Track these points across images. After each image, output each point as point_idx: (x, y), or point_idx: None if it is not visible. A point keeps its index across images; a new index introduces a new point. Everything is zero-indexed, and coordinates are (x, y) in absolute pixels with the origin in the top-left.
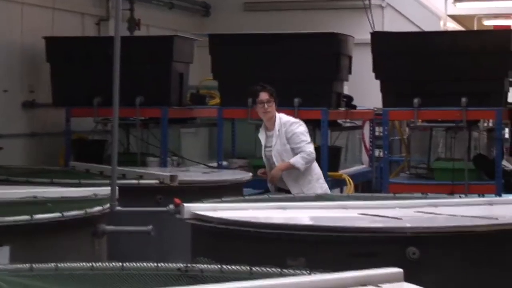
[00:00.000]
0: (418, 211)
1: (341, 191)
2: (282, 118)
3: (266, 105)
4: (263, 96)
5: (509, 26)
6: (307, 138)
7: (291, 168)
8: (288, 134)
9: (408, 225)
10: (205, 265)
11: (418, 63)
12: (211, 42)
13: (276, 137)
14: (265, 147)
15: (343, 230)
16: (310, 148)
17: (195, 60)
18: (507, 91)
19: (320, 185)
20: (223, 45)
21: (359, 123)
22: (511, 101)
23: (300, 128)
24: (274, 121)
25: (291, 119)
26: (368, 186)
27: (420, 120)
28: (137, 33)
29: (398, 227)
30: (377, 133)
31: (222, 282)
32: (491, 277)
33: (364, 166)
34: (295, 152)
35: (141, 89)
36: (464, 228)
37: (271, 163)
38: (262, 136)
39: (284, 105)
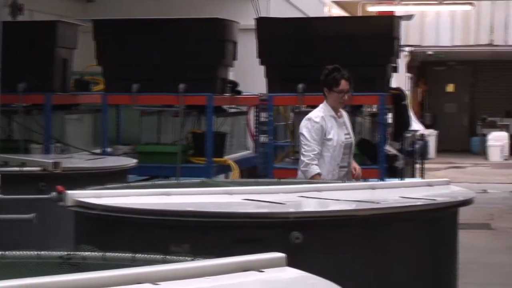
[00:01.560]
0: (302, 196)
1: (226, 177)
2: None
3: (346, 96)
4: (344, 85)
5: (393, 12)
6: None
7: None
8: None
9: (291, 210)
10: (88, 253)
11: (302, 48)
12: (95, 27)
13: (348, 125)
14: (345, 134)
15: (227, 215)
16: None
17: (80, 46)
18: (390, 76)
19: None
20: (107, 30)
21: (244, 108)
22: (394, 86)
23: None
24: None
25: None
26: (254, 171)
27: (304, 105)
28: (20, 18)
29: (281, 212)
30: (262, 119)
31: (105, 270)
32: (374, 260)
33: (249, 151)
34: None
35: (24, 75)
36: (346, 212)
37: (346, 153)
38: (330, 122)
39: (170, 91)
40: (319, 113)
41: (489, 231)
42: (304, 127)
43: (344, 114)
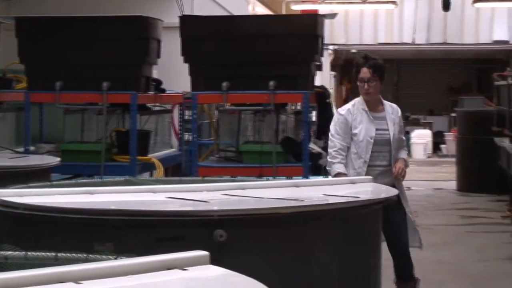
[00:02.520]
0: (226, 194)
1: (151, 175)
2: (385, 101)
3: (366, 85)
4: (365, 73)
5: (316, 10)
6: None
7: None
8: (398, 120)
9: (215, 208)
10: (10, 252)
11: (226, 46)
12: (17, 25)
13: (390, 120)
14: (377, 130)
15: (151, 214)
16: None
17: (2, 44)
18: (314, 74)
19: None
20: (29, 28)
21: (168, 107)
22: (318, 84)
23: None
24: (379, 100)
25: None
26: (178, 169)
27: (228, 104)
28: None
29: (205, 210)
30: (186, 117)
31: (27, 269)
32: (298, 258)
33: (173, 149)
34: (398, 144)
35: None
36: (270, 210)
37: (380, 150)
38: (360, 116)
39: (93, 89)
40: (348, 105)
41: None
42: (332, 120)
43: (389, 108)
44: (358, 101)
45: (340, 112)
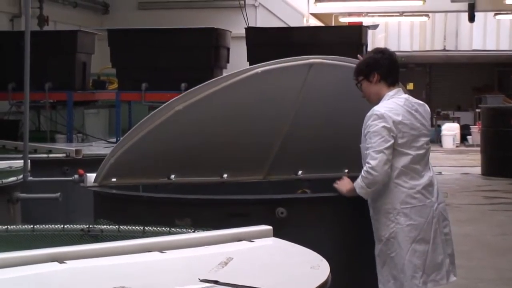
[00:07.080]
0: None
1: None
2: (382, 102)
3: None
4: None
5: (361, 22)
6: (380, 140)
7: (355, 193)
8: (365, 128)
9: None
10: (105, 226)
11: (285, 52)
12: (110, 36)
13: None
14: None
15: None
16: (376, 158)
17: (97, 51)
18: None
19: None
20: (119, 38)
21: None
22: None
23: (377, 124)
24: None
25: (381, 106)
26: None
27: None
28: (46, 28)
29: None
30: None
31: (119, 240)
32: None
33: None
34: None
35: (49, 76)
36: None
37: None
38: None
39: (171, 89)
40: None
41: None
42: None
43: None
44: None
45: None
